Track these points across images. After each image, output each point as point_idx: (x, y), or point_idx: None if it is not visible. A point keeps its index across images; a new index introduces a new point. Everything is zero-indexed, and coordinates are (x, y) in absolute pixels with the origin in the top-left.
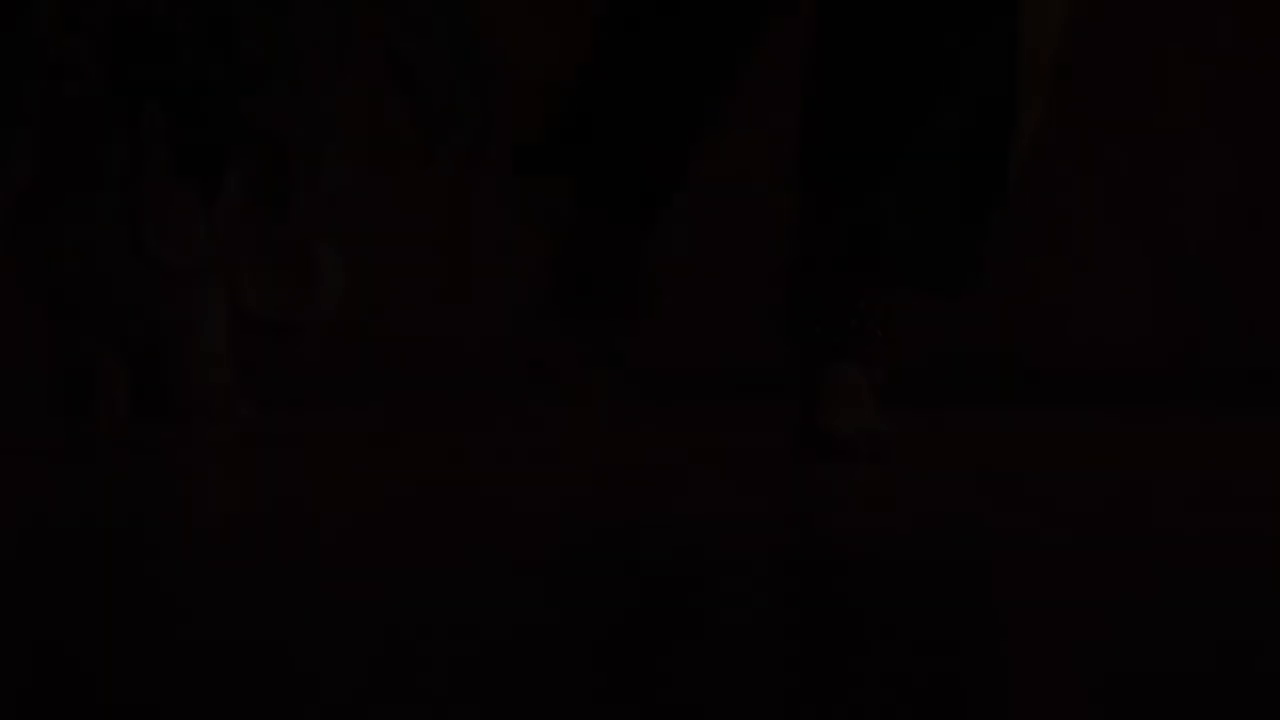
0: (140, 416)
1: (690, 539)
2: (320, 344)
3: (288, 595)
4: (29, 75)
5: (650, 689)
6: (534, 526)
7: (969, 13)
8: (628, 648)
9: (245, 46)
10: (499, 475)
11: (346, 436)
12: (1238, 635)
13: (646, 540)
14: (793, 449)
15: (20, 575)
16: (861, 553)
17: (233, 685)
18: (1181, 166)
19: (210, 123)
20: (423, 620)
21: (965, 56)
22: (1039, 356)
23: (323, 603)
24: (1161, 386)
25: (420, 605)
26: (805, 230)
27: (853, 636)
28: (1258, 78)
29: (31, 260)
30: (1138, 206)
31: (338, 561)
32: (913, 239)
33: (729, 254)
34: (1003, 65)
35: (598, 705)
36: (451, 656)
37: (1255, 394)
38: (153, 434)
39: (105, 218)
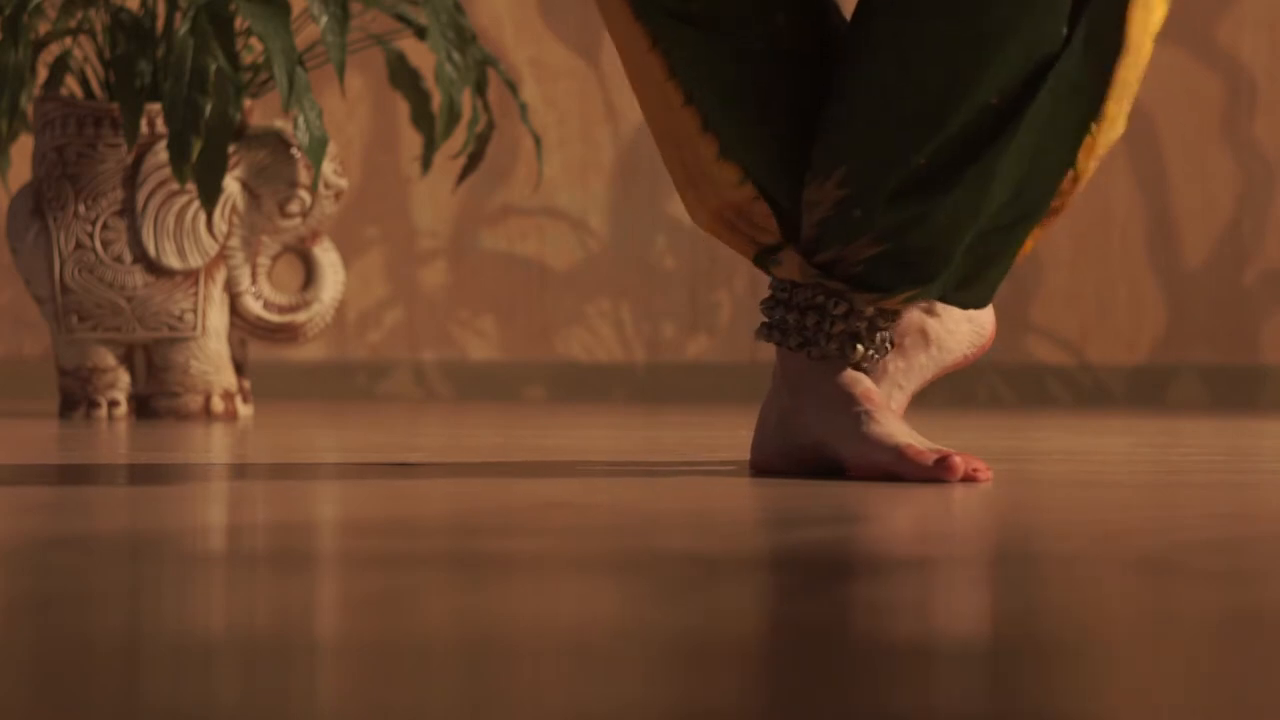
0: (140, 416)
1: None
2: (320, 344)
3: (301, 594)
4: (29, 75)
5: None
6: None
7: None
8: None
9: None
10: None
11: (344, 433)
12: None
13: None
14: None
15: (21, 577)
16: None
17: (252, 687)
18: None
19: (209, 123)
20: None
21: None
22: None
23: (340, 603)
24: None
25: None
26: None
27: None
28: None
29: (31, 260)
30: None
31: (354, 563)
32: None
33: None
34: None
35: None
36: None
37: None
38: (153, 434)
39: (105, 218)
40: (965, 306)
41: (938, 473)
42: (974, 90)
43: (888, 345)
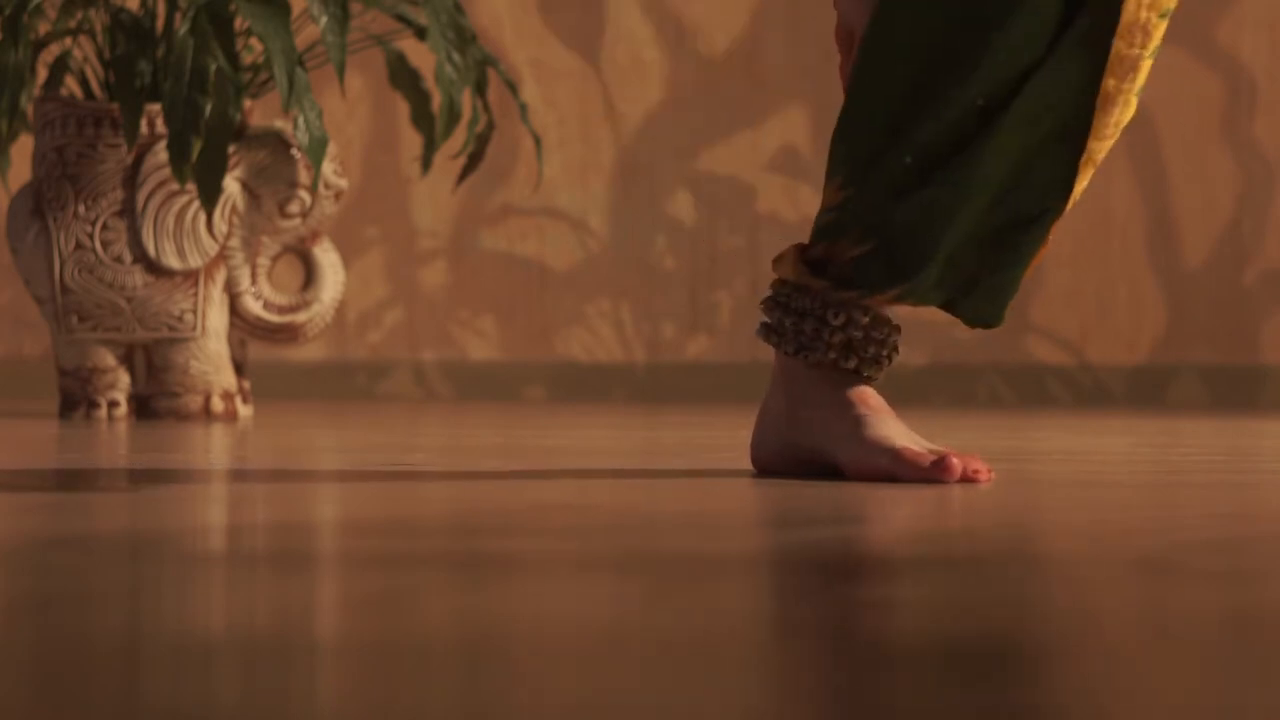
0: (140, 417)
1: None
2: (320, 344)
3: (301, 594)
4: (29, 75)
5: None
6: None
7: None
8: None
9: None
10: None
11: (345, 433)
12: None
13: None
14: None
15: (21, 577)
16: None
17: (251, 687)
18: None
19: (209, 123)
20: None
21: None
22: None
23: (341, 603)
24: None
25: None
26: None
27: None
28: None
29: (31, 260)
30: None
31: (358, 562)
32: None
33: None
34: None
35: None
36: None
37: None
38: (153, 435)
39: (105, 218)
40: (976, 322)
41: (935, 474)
42: (963, 91)
43: (885, 357)
